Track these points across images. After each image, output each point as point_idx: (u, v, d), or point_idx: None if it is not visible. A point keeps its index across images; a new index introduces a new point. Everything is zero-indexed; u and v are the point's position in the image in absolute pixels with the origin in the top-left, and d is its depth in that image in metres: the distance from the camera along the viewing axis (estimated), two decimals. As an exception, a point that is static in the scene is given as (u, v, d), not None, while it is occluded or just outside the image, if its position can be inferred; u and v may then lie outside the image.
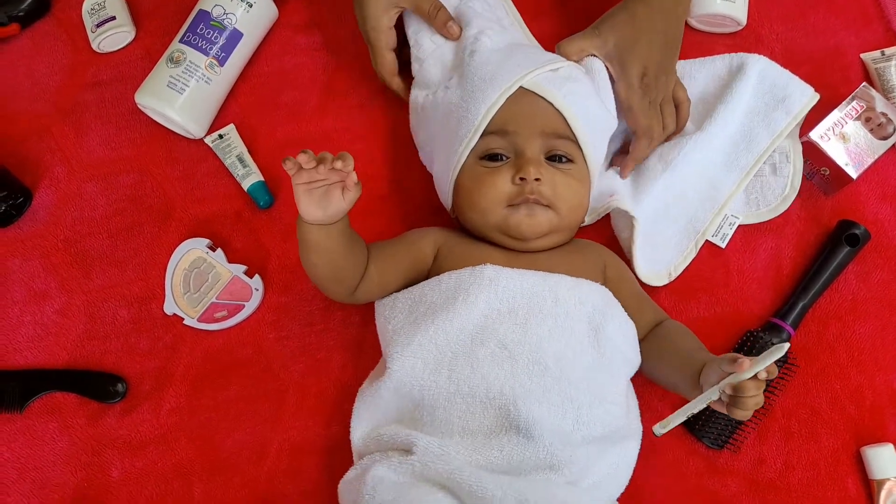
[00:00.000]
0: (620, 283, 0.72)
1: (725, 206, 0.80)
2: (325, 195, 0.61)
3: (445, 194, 0.75)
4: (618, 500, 0.67)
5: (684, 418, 0.60)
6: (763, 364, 0.57)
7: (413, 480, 0.60)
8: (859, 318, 0.78)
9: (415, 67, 0.80)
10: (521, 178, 0.67)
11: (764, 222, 0.81)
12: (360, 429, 0.68)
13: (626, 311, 0.70)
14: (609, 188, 0.77)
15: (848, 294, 0.79)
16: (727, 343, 0.78)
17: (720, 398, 0.60)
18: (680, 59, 0.81)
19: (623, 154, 0.80)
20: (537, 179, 0.67)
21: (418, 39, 0.80)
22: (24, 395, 0.77)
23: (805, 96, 0.81)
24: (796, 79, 0.82)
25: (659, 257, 0.79)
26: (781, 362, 0.75)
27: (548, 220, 0.69)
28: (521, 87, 0.69)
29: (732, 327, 0.78)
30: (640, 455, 0.68)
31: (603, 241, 0.79)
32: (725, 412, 0.60)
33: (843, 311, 0.78)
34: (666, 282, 0.78)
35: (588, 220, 0.79)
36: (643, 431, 0.69)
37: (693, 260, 0.80)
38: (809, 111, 0.82)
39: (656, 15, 0.74)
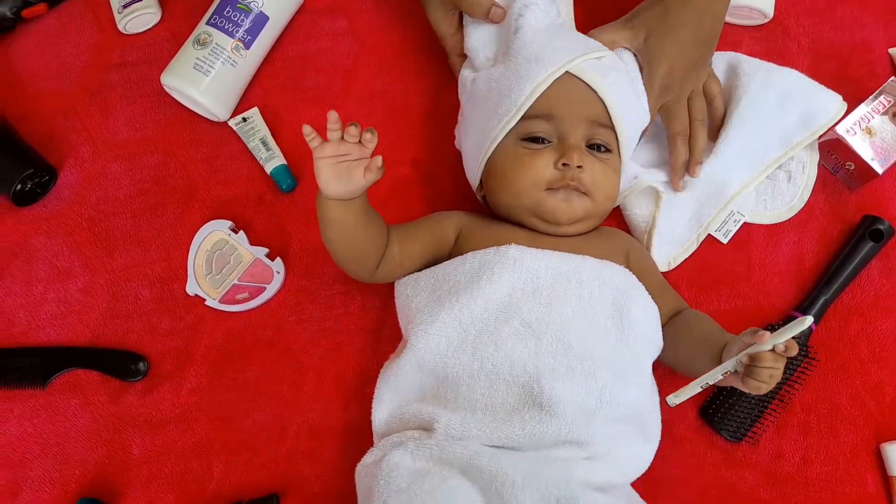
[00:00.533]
0: (643, 270, 0.72)
1: (732, 203, 0.79)
2: (348, 170, 0.60)
3: (474, 172, 0.74)
4: (636, 491, 0.67)
5: (699, 389, 0.60)
6: (783, 337, 0.57)
7: (430, 465, 0.60)
8: (881, 314, 0.78)
9: (465, 46, 0.80)
10: (564, 164, 0.67)
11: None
12: (382, 410, 0.68)
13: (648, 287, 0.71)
14: (631, 171, 0.77)
15: (870, 290, 0.79)
16: (747, 336, 0.77)
17: (736, 370, 0.59)
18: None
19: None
20: (579, 167, 0.67)
21: (467, 19, 0.80)
22: (47, 371, 0.78)
23: (829, 113, 0.79)
24: (825, 91, 0.80)
25: (662, 245, 0.79)
26: (803, 354, 0.75)
27: (583, 207, 0.69)
28: (567, 71, 0.69)
29: (753, 321, 0.78)
30: (658, 446, 0.68)
31: (624, 227, 0.79)
32: (741, 386, 0.60)
33: (865, 307, 0.78)
34: (664, 270, 0.79)
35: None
36: (661, 420, 0.69)
37: (715, 253, 0.80)
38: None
39: (690, 11, 0.73)
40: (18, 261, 0.83)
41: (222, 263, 0.80)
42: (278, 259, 0.80)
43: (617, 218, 0.82)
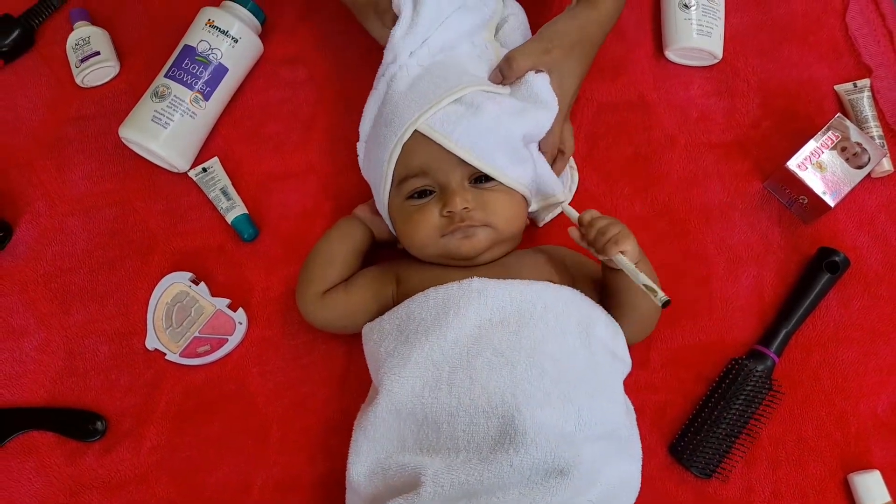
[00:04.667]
0: (581, 268, 0.75)
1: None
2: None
3: (390, 227, 0.76)
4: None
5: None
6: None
7: None
8: (841, 344, 0.79)
9: None
10: (449, 212, 0.68)
11: (746, 252, 0.82)
12: (361, 464, 0.66)
13: (593, 281, 0.74)
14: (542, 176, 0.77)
15: (830, 321, 0.80)
16: (712, 371, 0.78)
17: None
18: (648, 85, 0.86)
19: None
20: (465, 209, 0.68)
21: None
22: (1, 434, 0.75)
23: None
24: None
25: None
26: (767, 388, 0.75)
27: (486, 237, 0.70)
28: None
29: (717, 355, 0.78)
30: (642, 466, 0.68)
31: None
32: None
33: (825, 338, 0.79)
34: None
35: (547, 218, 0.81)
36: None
37: (677, 288, 0.80)
38: (785, 142, 0.84)
39: (602, 28, 0.76)
40: (-29, 320, 0.81)
41: (183, 316, 0.79)
42: (240, 310, 0.79)
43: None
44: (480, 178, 0.70)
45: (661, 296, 0.63)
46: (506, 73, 0.74)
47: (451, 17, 0.77)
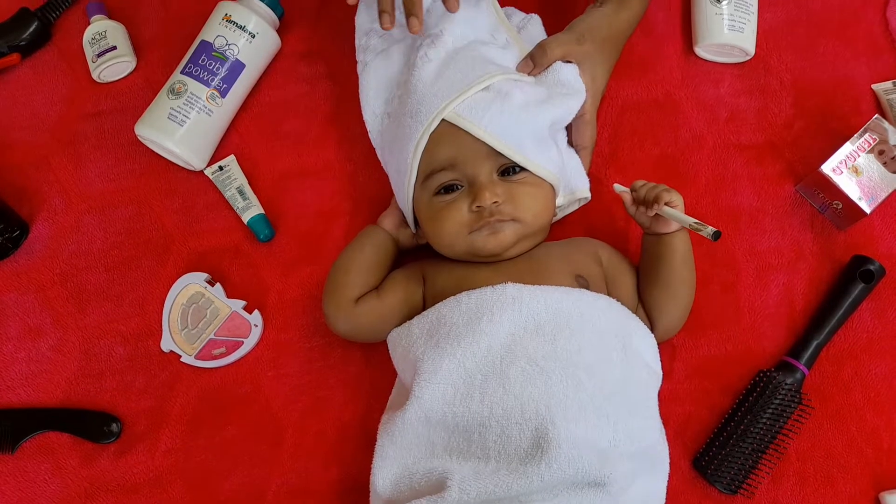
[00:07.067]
0: (620, 265, 0.73)
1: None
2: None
3: (411, 223, 0.75)
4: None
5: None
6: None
7: None
8: (875, 356, 0.76)
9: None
10: (479, 206, 0.67)
11: (776, 258, 0.79)
12: (388, 469, 0.64)
13: (632, 287, 0.73)
14: (569, 165, 0.77)
15: (863, 332, 0.77)
16: (739, 383, 0.75)
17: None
18: (676, 83, 0.85)
19: None
20: (495, 203, 0.67)
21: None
22: (17, 434, 0.76)
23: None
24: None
25: None
26: (796, 402, 0.73)
27: (513, 232, 0.68)
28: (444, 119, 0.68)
29: (744, 366, 0.76)
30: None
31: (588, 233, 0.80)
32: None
33: (858, 350, 0.76)
34: None
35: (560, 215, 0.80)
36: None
37: (704, 296, 0.78)
38: (820, 144, 0.81)
39: (631, 26, 0.78)
40: (-12, 319, 0.81)
41: (198, 317, 0.78)
42: (256, 312, 0.78)
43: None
44: (508, 171, 0.69)
45: (710, 229, 0.62)
46: (538, 59, 0.74)
47: (461, 11, 0.75)
